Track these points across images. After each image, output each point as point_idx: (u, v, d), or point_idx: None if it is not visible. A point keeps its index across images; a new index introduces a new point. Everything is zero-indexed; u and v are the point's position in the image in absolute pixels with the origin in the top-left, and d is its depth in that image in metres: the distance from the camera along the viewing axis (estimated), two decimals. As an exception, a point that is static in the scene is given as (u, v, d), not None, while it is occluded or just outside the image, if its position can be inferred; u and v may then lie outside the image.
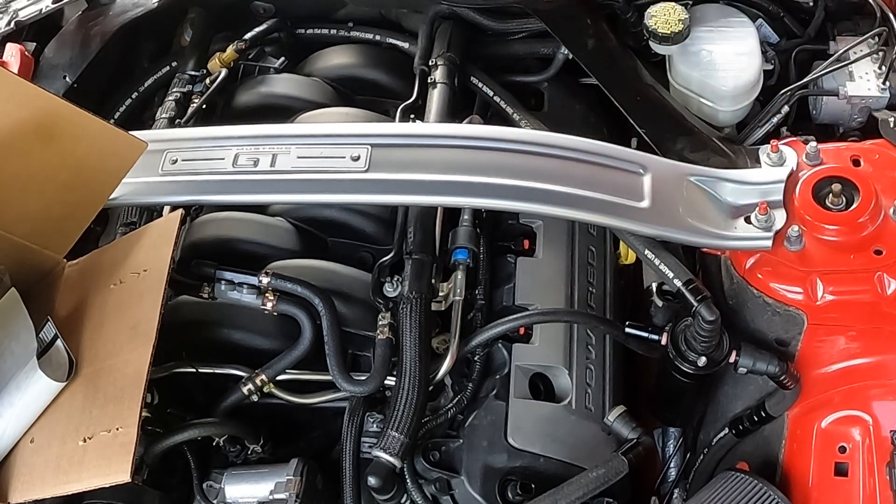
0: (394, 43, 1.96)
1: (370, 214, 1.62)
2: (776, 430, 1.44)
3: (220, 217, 1.61)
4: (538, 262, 1.59)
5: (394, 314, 1.46)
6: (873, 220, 1.34)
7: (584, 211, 1.38)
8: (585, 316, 1.53)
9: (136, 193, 1.45)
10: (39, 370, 1.20)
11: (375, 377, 1.39)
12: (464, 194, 1.41)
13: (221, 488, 1.40)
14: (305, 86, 1.87)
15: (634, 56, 1.79)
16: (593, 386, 1.49)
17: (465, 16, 1.88)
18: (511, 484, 1.38)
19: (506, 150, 1.44)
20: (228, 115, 1.86)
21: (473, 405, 1.46)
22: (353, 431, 1.42)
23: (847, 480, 1.32)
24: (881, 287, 1.31)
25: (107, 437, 1.14)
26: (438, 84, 1.75)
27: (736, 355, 1.35)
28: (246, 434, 1.43)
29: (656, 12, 1.72)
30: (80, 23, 2.01)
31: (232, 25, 2.02)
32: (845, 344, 1.36)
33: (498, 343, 1.50)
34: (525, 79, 1.91)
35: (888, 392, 1.33)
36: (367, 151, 1.43)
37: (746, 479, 1.32)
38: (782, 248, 1.35)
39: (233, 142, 1.49)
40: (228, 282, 1.44)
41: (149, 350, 1.19)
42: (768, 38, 1.88)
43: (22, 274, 1.37)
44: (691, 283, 1.34)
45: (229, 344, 1.48)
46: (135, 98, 1.96)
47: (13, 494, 1.19)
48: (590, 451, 1.41)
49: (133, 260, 1.35)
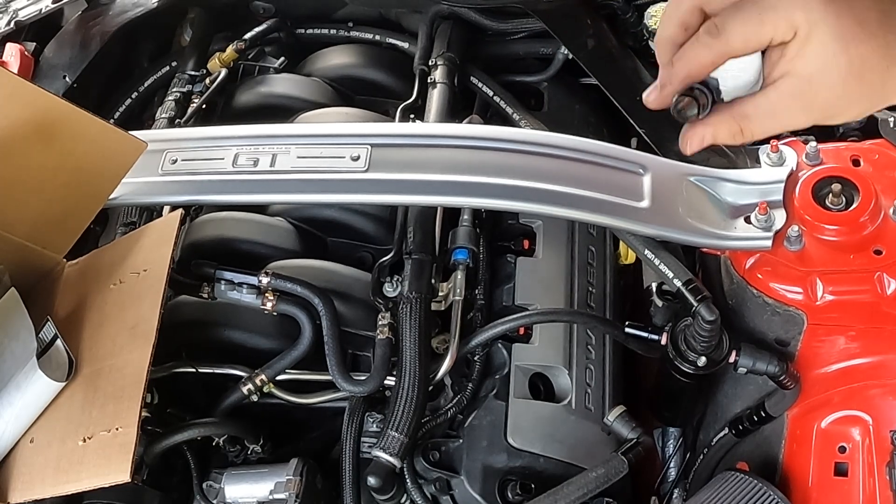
0: (394, 43, 1.96)
1: (370, 214, 1.62)
2: (776, 430, 1.44)
3: (220, 217, 1.61)
4: (538, 262, 1.59)
5: (394, 314, 1.46)
6: (873, 220, 1.34)
7: (584, 211, 1.38)
8: (585, 316, 1.53)
9: (136, 193, 1.45)
10: (39, 370, 1.20)
11: (375, 377, 1.39)
12: (464, 194, 1.41)
13: (221, 488, 1.39)
14: (305, 86, 1.87)
15: (634, 56, 1.79)
16: (593, 386, 1.49)
17: (465, 16, 1.88)
18: (511, 484, 1.38)
19: (506, 150, 1.43)
20: (228, 115, 1.85)
21: (473, 405, 1.46)
22: (352, 431, 1.42)
23: (847, 480, 1.32)
24: (881, 287, 1.31)
25: (107, 437, 1.14)
26: (438, 84, 1.75)
27: (736, 355, 1.35)
28: (246, 434, 1.43)
29: (656, 12, 1.72)
30: (79, 23, 2.01)
31: (232, 25, 2.02)
32: (845, 344, 1.36)
33: (498, 343, 1.50)
34: (525, 79, 1.90)
35: (888, 392, 1.33)
36: (366, 151, 1.43)
37: (746, 479, 1.32)
38: (782, 248, 1.35)
39: (233, 142, 1.49)
40: (228, 282, 1.44)
41: (149, 350, 1.19)
42: (768, 38, 1.88)
43: (22, 274, 1.37)
44: (691, 283, 1.34)
45: (229, 344, 1.48)
46: (135, 98, 1.95)
47: (13, 494, 1.19)
48: (590, 451, 1.41)
49: (133, 260, 1.35)
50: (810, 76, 0.83)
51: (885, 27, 0.82)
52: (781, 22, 0.82)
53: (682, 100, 0.90)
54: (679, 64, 0.87)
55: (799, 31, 0.82)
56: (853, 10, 0.82)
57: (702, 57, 0.85)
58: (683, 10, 0.89)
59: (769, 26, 0.82)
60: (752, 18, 0.83)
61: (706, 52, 0.85)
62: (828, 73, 0.83)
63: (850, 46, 0.82)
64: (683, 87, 0.87)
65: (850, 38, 0.82)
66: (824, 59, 0.82)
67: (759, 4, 0.83)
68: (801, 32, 0.82)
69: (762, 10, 0.83)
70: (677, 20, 0.89)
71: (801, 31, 0.82)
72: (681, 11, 0.89)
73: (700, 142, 0.89)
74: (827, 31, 0.81)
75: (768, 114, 0.86)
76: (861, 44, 0.82)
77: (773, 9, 0.82)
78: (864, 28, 0.82)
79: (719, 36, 0.84)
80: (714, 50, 0.84)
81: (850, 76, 0.82)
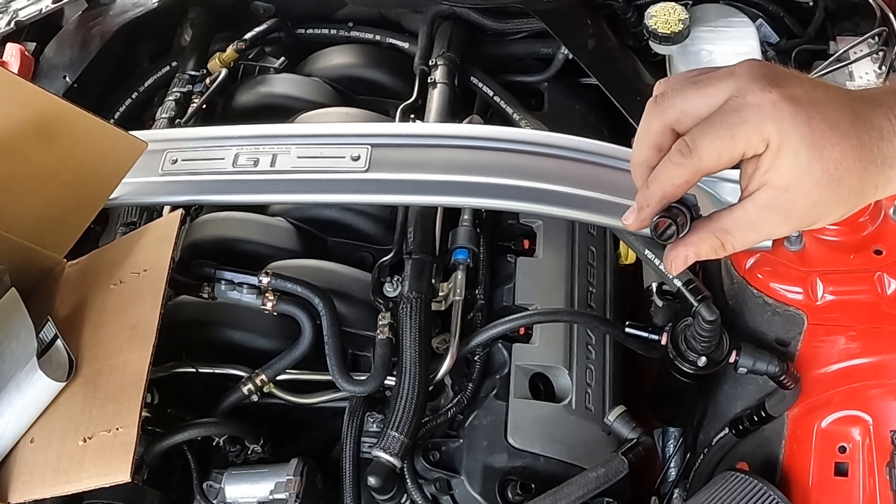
0: (394, 43, 1.96)
1: (370, 214, 1.62)
2: (776, 430, 1.44)
3: (220, 217, 1.61)
4: (538, 262, 1.59)
5: (394, 314, 1.46)
6: (873, 220, 1.34)
7: (584, 211, 1.38)
8: (585, 316, 1.53)
9: (136, 193, 1.45)
10: (39, 370, 1.20)
11: (375, 377, 1.39)
12: (464, 194, 1.41)
13: (221, 488, 1.39)
14: (305, 86, 1.87)
15: (634, 56, 1.79)
16: (593, 386, 1.49)
17: (465, 16, 1.88)
18: (511, 484, 1.38)
19: (506, 150, 1.43)
20: (228, 115, 1.85)
21: (473, 405, 1.46)
22: (353, 431, 1.42)
23: (847, 480, 1.32)
24: (881, 287, 1.31)
25: (107, 437, 1.14)
26: (438, 84, 1.75)
27: (736, 355, 1.35)
28: (246, 434, 1.43)
29: (656, 12, 1.72)
30: (80, 23, 2.01)
31: (232, 25, 2.02)
32: (845, 344, 1.36)
33: (498, 343, 1.50)
34: (525, 79, 1.91)
35: (888, 392, 1.33)
36: (367, 151, 1.43)
37: (746, 479, 1.32)
38: (782, 248, 1.35)
39: (233, 142, 1.49)
40: (228, 282, 1.44)
41: (149, 350, 1.19)
42: (768, 38, 1.88)
43: (22, 274, 1.37)
44: (691, 283, 1.34)
45: (229, 344, 1.48)
46: (135, 98, 1.95)
47: (13, 494, 1.18)
48: (590, 451, 1.41)
49: (133, 260, 1.35)
50: (786, 186, 0.82)
51: (857, 128, 0.82)
52: (752, 136, 0.81)
53: (660, 222, 0.90)
54: (654, 185, 0.86)
55: (770, 142, 0.81)
56: (824, 114, 0.81)
57: (675, 177, 0.84)
58: (654, 132, 0.88)
59: (741, 141, 0.82)
60: (723, 134, 0.82)
61: (679, 172, 0.84)
62: (803, 181, 0.81)
63: (823, 152, 0.81)
64: (661, 208, 0.87)
65: (823, 144, 0.81)
66: (798, 168, 0.81)
67: (729, 120, 0.82)
68: (773, 144, 0.81)
69: (732, 125, 0.82)
70: (649, 143, 0.89)
71: (773, 143, 0.81)
72: (652, 134, 0.88)
73: (684, 261, 0.88)
74: (799, 140, 0.80)
75: (748, 227, 0.85)
76: (835, 147, 0.81)
77: (743, 123, 0.81)
78: (836, 131, 0.81)
79: (691, 155, 0.83)
80: (687, 169, 0.83)
81: (826, 181, 0.81)
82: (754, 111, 0.81)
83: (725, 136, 0.82)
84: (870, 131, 0.82)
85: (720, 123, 0.83)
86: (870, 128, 0.82)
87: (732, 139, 0.82)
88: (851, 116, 0.83)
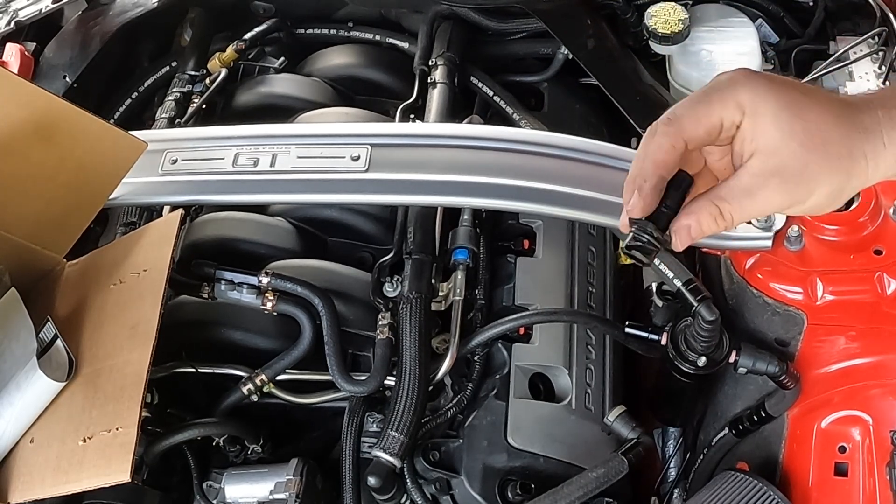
0: (394, 43, 1.96)
1: (370, 214, 1.62)
2: (776, 430, 1.44)
3: (220, 217, 1.61)
4: (538, 262, 1.58)
5: (394, 314, 1.46)
6: (873, 220, 1.34)
7: (584, 211, 1.38)
8: (585, 316, 1.53)
9: (136, 193, 1.45)
10: (39, 370, 1.20)
11: (375, 377, 1.39)
12: (464, 194, 1.41)
13: (221, 488, 1.39)
14: (305, 86, 1.87)
15: (634, 56, 1.79)
16: (593, 386, 1.49)
17: (465, 16, 1.89)
18: (511, 484, 1.38)
19: (506, 150, 1.44)
20: (228, 115, 1.86)
21: (473, 405, 1.46)
22: (352, 431, 1.42)
23: (847, 480, 1.32)
24: (881, 287, 1.31)
25: (107, 437, 1.14)
26: (438, 84, 1.75)
27: (736, 355, 1.35)
28: (246, 434, 1.43)
29: (656, 12, 1.72)
30: (80, 23, 2.01)
31: (232, 25, 2.02)
32: (845, 344, 1.36)
33: (498, 343, 1.50)
34: (525, 79, 1.91)
35: (888, 392, 1.33)
36: (367, 151, 1.43)
37: (746, 479, 1.32)
38: (782, 248, 1.35)
39: (233, 142, 1.49)
40: (228, 282, 1.44)
41: (149, 350, 1.19)
42: (768, 38, 1.88)
43: (22, 274, 1.37)
44: (691, 283, 1.34)
45: (229, 344, 1.48)
46: (135, 98, 1.96)
47: (13, 494, 1.18)
48: (590, 451, 1.41)
49: (133, 260, 1.35)
50: (774, 149, 0.85)
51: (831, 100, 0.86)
52: (728, 99, 0.86)
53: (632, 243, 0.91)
54: (646, 161, 0.89)
55: (746, 108, 0.85)
56: (795, 85, 0.87)
57: (662, 144, 0.88)
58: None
59: (716, 105, 0.86)
60: (699, 100, 0.88)
61: (664, 140, 0.88)
62: (788, 142, 0.85)
63: (802, 113, 0.85)
64: (657, 182, 0.89)
65: (800, 106, 0.85)
66: (781, 130, 0.85)
67: (705, 89, 0.89)
68: (749, 109, 0.85)
69: (708, 90, 0.88)
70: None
71: (748, 108, 0.85)
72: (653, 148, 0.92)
73: (687, 233, 0.90)
74: (775, 102, 0.85)
75: (744, 193, 0.88)
76: (810, 111, 0.85)
77: (717, 90, 0.87)
78: (810, 97, 0.86)
79: (671, 122, 0.88)
80: (670, 136, 0.87)
81: (811, 143, 0.84)
82: (729, 81, 0.87)
83: (702, 101, 0.87)
84: (846, 105, 0.86)
85: (698, 93, 0.89)
86: (845, 103, 0.87)
87: (709, 103, 0.87)
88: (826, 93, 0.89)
